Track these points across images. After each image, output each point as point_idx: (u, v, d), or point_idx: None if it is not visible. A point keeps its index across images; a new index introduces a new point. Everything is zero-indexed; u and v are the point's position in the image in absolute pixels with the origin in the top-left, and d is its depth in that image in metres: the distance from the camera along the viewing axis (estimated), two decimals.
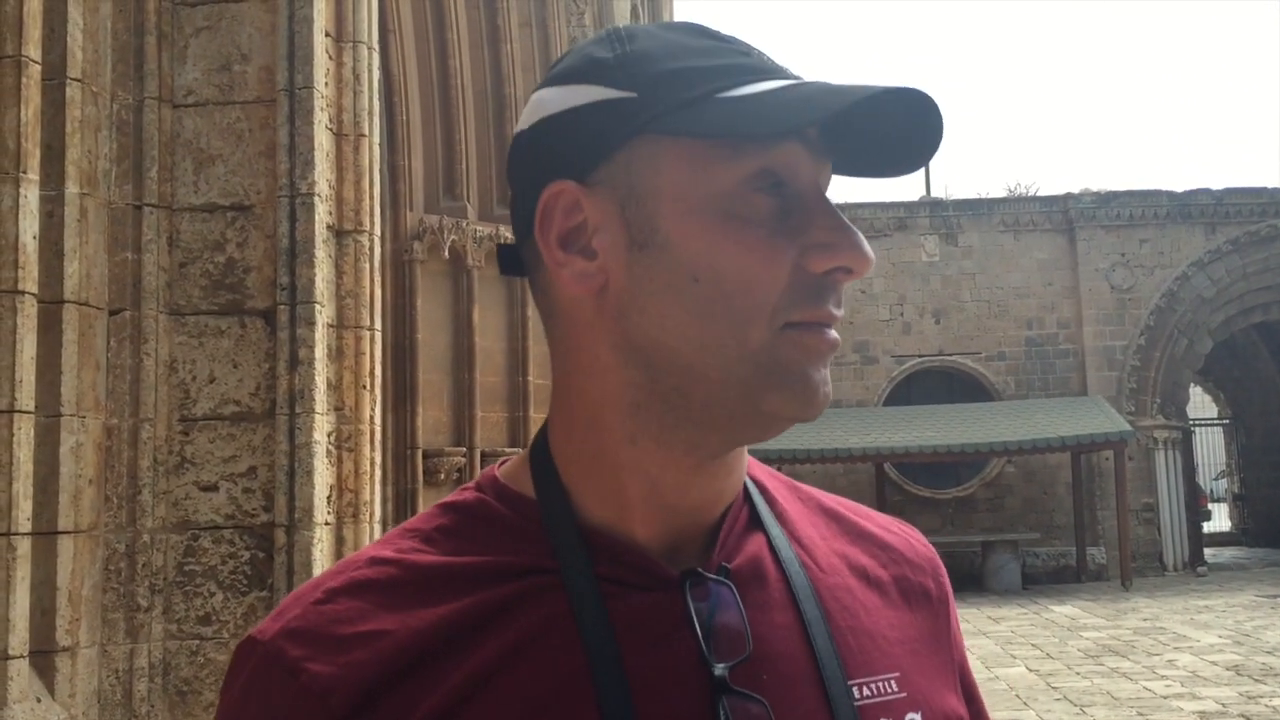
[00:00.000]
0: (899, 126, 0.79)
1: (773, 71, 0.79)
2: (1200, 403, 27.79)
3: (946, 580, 0.93)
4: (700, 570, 0.78)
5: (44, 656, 3.63)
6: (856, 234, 0.78)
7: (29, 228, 3.56)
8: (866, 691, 0.79)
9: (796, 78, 0.79)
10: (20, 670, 3.45)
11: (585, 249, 0.79)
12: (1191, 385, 22.70)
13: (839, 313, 0.78)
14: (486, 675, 0.74)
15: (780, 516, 0.86)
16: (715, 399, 0.77)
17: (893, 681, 0.81)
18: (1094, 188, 21.49)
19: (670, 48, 0.79)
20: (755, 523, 0.84)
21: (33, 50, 3.61)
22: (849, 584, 0.84)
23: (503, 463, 0.88)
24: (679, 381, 0.77)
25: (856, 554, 0.87)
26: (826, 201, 0.79)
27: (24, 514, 3.50)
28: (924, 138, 0.79)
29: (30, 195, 3.58)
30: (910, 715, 0.80)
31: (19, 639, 3.45)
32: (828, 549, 0.86)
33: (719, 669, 0.74)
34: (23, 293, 3.53)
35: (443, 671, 0.74)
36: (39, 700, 3.56)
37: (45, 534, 3.65)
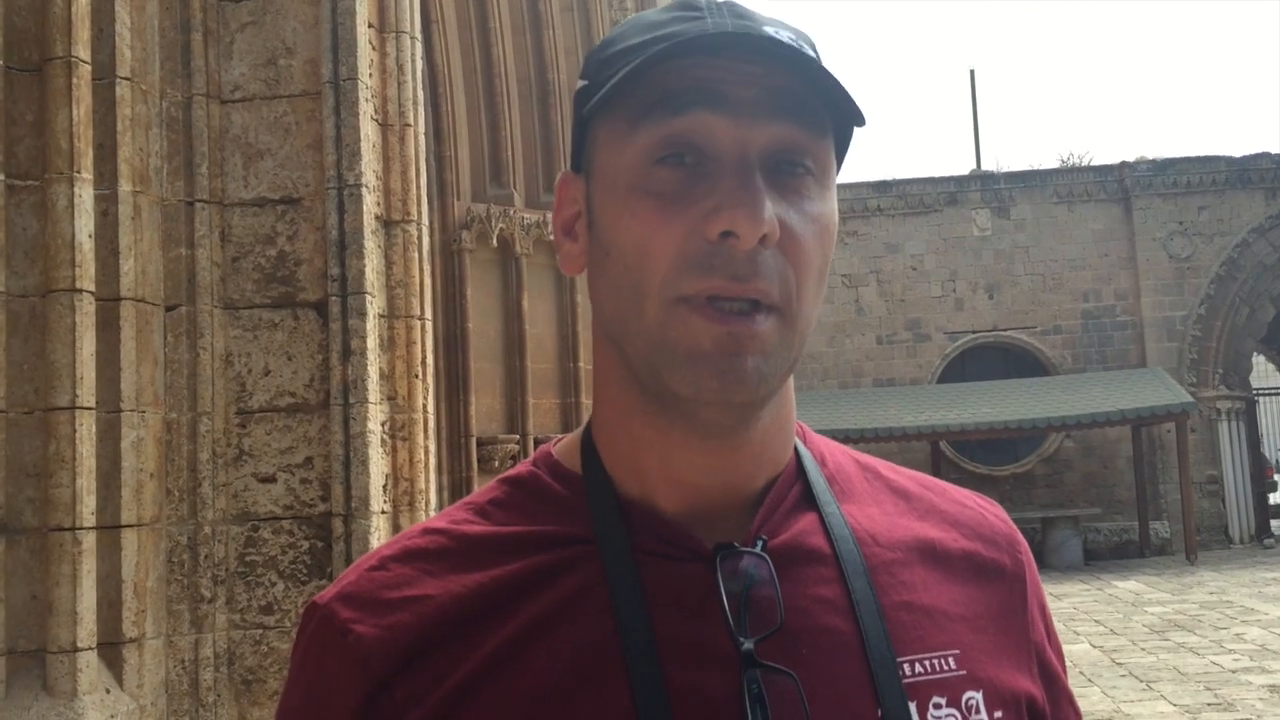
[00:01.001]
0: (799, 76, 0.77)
1: (695, 39, 0.75)
2: (1264, 372, 27.22)
3: (1027, 556, 0.90)
4: (735, 544, 0.78)
5: (112, 648, 3.70)
6: (751, 196, 0.74)
7: (84, 226, 3.61)
8: (919, 668, 0.78)
9: (731, 30, 0.76)
10: (89, 662, 3.52)
11: (572, 233, 0.84)
12: (1254, 354, 22.23)
13: (742, 285, 0.74)
14: (523, 639, 0.76)
15: (842, 494, 0.85)
16: (645, 378, 0.78)
17: (950, 659, 0.79)
18: (1150, 155, 21.12)
19: (631, 28, 0.81)
20: (808, 500, 0.83)
21: (82, 51, 3.65)
22: (909, 560, 0.83)
23: (558, 440, 0.90)
24: (627, 359, 0.79)
25: (925, 530, 0.86)
26: (740, 166, 0.75)
27: (88, 508, 3.56)
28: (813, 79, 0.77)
29: (85, 194, 3.63)
30: (969, 693, 0.78)
31: (87, 631, 3.51)
32: (891, 525, 0.85)
33: (746, 643, 0.74)
34: (81, 291, 3.58)
35: (481, 635, 0.77)
36: (108, 691, 3.62)
37: (109, 528, 3.71)
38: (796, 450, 0.86)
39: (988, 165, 23.06)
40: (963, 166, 24.67)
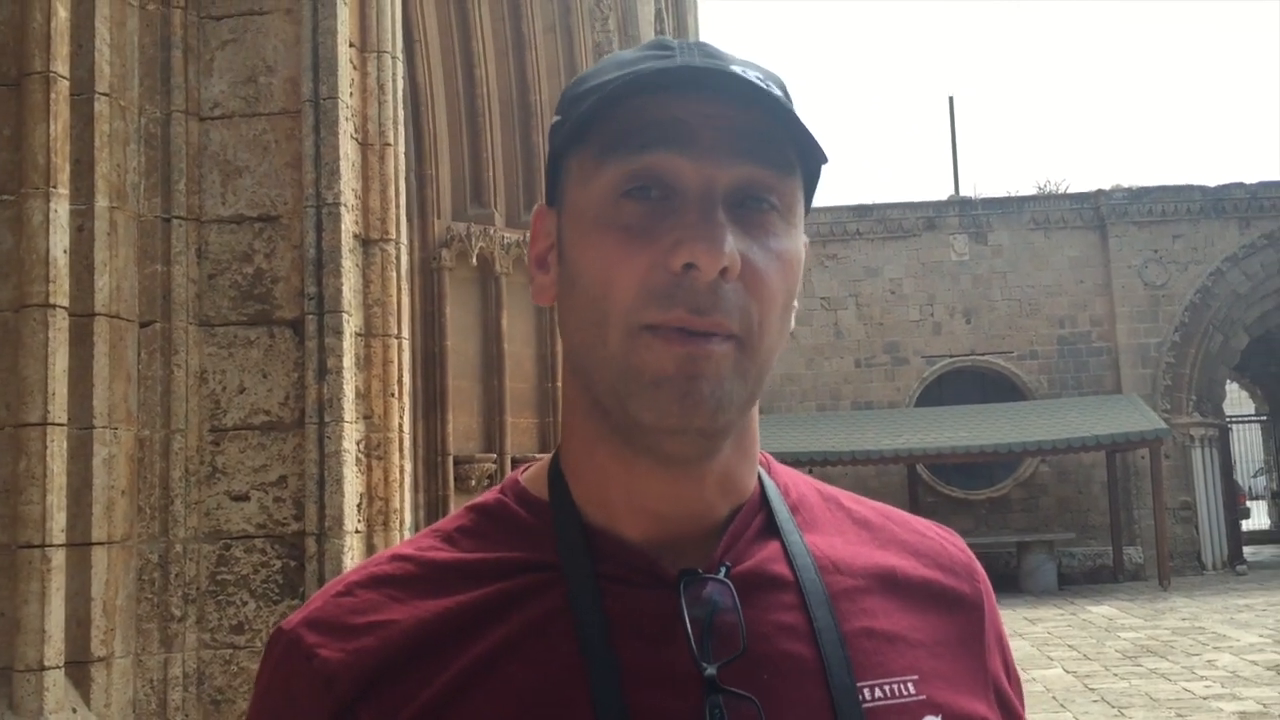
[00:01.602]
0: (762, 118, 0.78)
1: (660, 73, 0.77)
2: (1237, 399, 27.45)
3: (985, 586, 0.92)
4: (699, 571, 0.80)
5: (79, 667, 3.66)
6: (712, 230, 0.76)
7: (59, 242, 3.60)
8: (879, 693, 0.79)
9: (699, 66, 0.78)
10: (56, 680, 3.48)
11: (545, 264, 0.86)
12: (1228, 381, 22.42)
13: (701, 319, 0.75)
14: (487, 664, 0.77)
15: (805, 523, 0.87)
16: (609, 407, 0.79)
17: (909, 684, 0.80)
18: (1125, 184, 21.31)
19: (605, 65, 0.83)
20: (771, 529, 0.85)
21: (60, 66, 3.64)
22: (869, 588, 0.84)
23: (526, 468, 0.91)
24: (592, 388, 0.81)
25: (885, 558, 0.87)
26: (703, 201, 0.77)
27: (58, 525, 3.53)
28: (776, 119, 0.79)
29: (60, 210, 3.62)
30: (929, 718, 0.80)
31: (55, 649, 3.48)
32: (852, 554, 0.86)
33: (709, 669, 0.75)
34: (54, 306, 3.57)
35: (446, 660, 0.78)
36: (74, 711, 3.59)
37: (79, 545, 3.68)
38: (761, 480, 0.87)
39: (966, 191, 23.24)
40: (941, 192, 24.85)
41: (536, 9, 10.67)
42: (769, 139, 0.78)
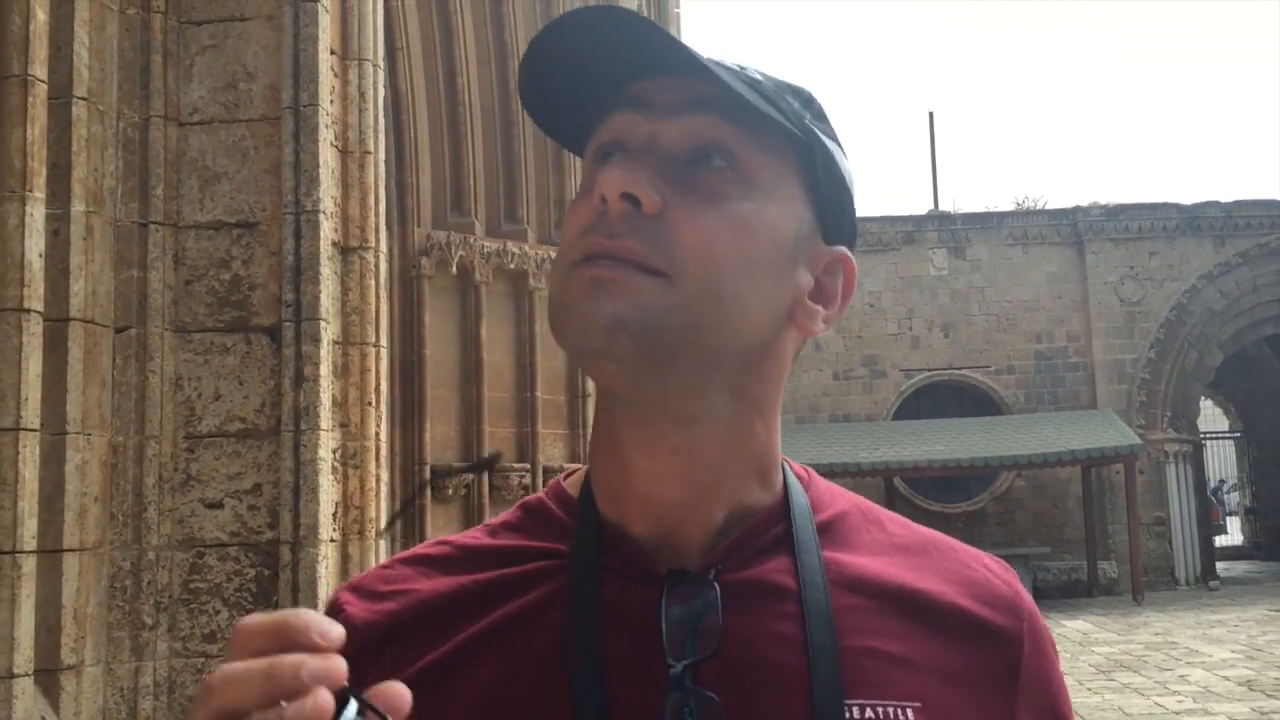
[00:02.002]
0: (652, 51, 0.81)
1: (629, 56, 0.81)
2: (1211, 416, 27.66)
3: (1031, 625, 0.86)
4: (688, 571, 0.81)
5: (49, 675, 3.63)
6: (625, 163, 0.80)
7: (35, 246, 3.57)
8: (870, 713, 0.78)
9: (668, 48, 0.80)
10: (25, 689, 3.45)
11: None
12: (1202, 398, 22.59)
13: (611, 242, 0.78)
14: (486, 640, 0.81)
15: (833, 540, 0.86)
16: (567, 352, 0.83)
17: (909, 710, 0.78)
18: (1102, 201, 21.49)
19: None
20: (787, 543, 0.84)
21: (39, 69, 3.62)
22: (885, 609, 0.82)
23: (570, 472, 0.94)
24: None
25: (915, 582, 0.85)
26: (642, 150, 0.81)
27: (29, 532, 3.50)
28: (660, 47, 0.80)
29: (36, 213, 3.59)
30: None
31: (24, 657, 3.44)
32: (877, 575, 0.84)
33: (675, 666, 0.76)
34: (28, 311, 3.54)
35: (450, 630, 0.82)
36: (44, 719, 3.55)
37: (50, 552, 3.65)
38: (787, 493, 0.87)
39: (945, 206, 23.36)
40: (920, 206, 24.96)
41: (519, 18, 10.68)
42: (733, 102, 0.80)
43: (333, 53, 4.41)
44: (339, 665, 0.59)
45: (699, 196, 0.80)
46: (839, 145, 0.88)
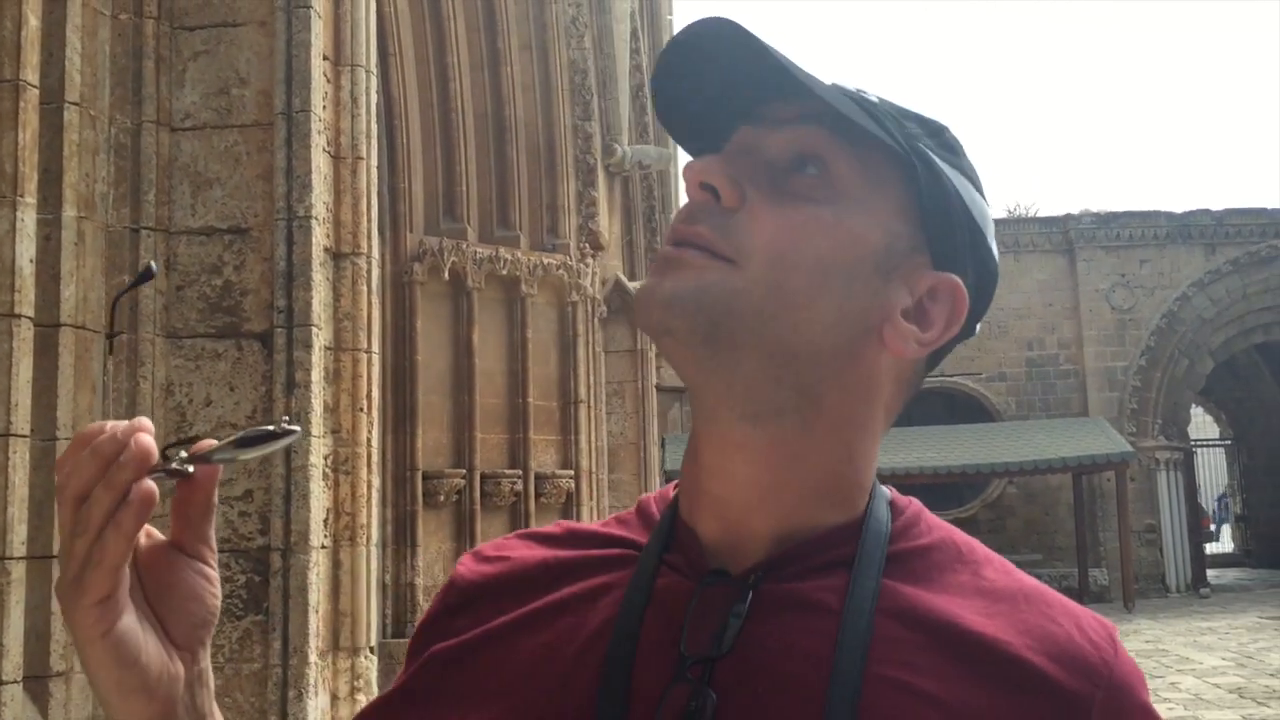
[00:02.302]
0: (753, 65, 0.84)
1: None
2: (1201, 423, 27.75)
3: (1108, 693, 0.79)
4: (729, 573, 0.82)
5: (38, 682, 3.61)
6: (708, 156, 0.84)
7: (26, 251, 3.56)
8: None
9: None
10: (14, 695, 3.43)
11: None
12: (1193, 406, 22.67)
13: (687, 227, 0.83)
14: (549, 612, 0.86)
15: (908, 573, 0.83)
16: None
17: None
18: (1094, 208, 21.55)
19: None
20: (848, 565, 0.82)
21: (30, 74, 3.62)
22: (931, 645, 0.79)
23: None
24: None
25: (982, 626, 0.80)
26: (739, 150, 0.86)
27: (19, 538, 3.48)
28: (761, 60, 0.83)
29: (27, 219, 3.58)
30: None
31: (13, 664, 3.43)
32: (940, 611, 0.81)
33: (686, 659, 0.79)
34: (19, 316, 3.53)
35: (522, 599, 0.88)
36: None
37: (40, 558, 3.63)
38: (866, 520, 0.85)
39: None
40: None
41: (512, 25, 10.69)
42: (835, 117, 0.82)
43: (326, 58, 4.40)
44: (142, 422, 0.73)
45: (783, 197, 0.82)
46: (969, 179, 0.89)
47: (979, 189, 0.90)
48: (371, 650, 4.46)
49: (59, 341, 3.75)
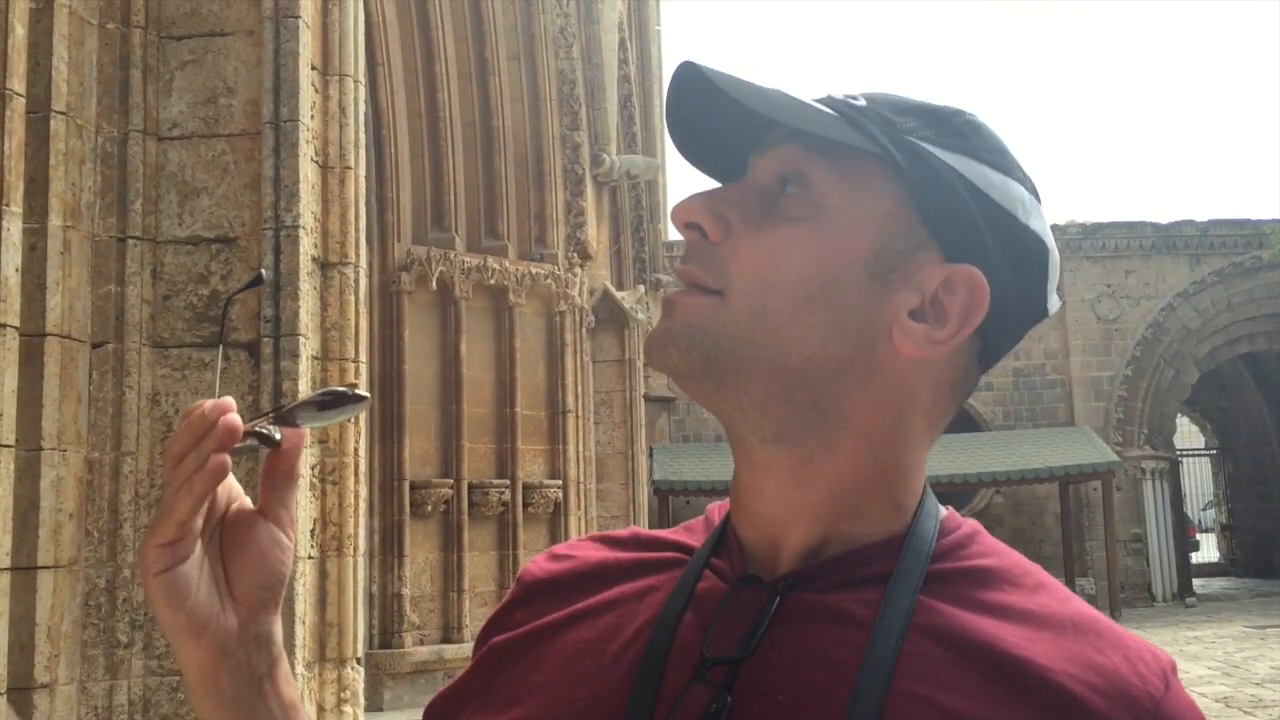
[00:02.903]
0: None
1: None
2: (1187, 433, 27.86)
3: None
4: (761, 578, 0.83)
5: (22, 693, 3.59)
6: (693, 194, 0.85)
7: (11, 260, 3.55)
8: None
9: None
10: None
11: None
12: (1178, 416, 22.76)
13: (683, 266, 0.85)
14: (599, 608, 0.89)
15: (946, 593, 0.81)
16: None
17: None
18: (1079, 219, 21.63)
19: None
20: (885, 579, 0.81)
21: (17, 84, 3.60)
22: (963, 664, 0.76)
23: None
24: None
25: (1022, 650, 0.77)
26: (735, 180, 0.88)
27: (3, 549, 3.46)
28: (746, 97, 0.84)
29: (13, 228, 3.57)
30: None
31: None
32: (977, 632, 0.78)
33: (707, 659, 0.79)
34: (4, 326, 3.51)
35: (578, 596, 0.91)
36: None
37: (24, 569, 3.61)
38: (908, 541, 0.83)
39: None
40: None
41: (501, 36, 10.70)
42: (807, 129, 0.83)
43: (314, 68, 4.40)
44: (227, 402, 0.81)
45: (766, 221, 0.83)
46: (983, 160, 0.84)
47: (1002, 167, 0.85)
48: (358, 661, 4.45)
49: (44, 351, 3.73)
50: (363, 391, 0.88)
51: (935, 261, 0.83)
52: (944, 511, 0.89)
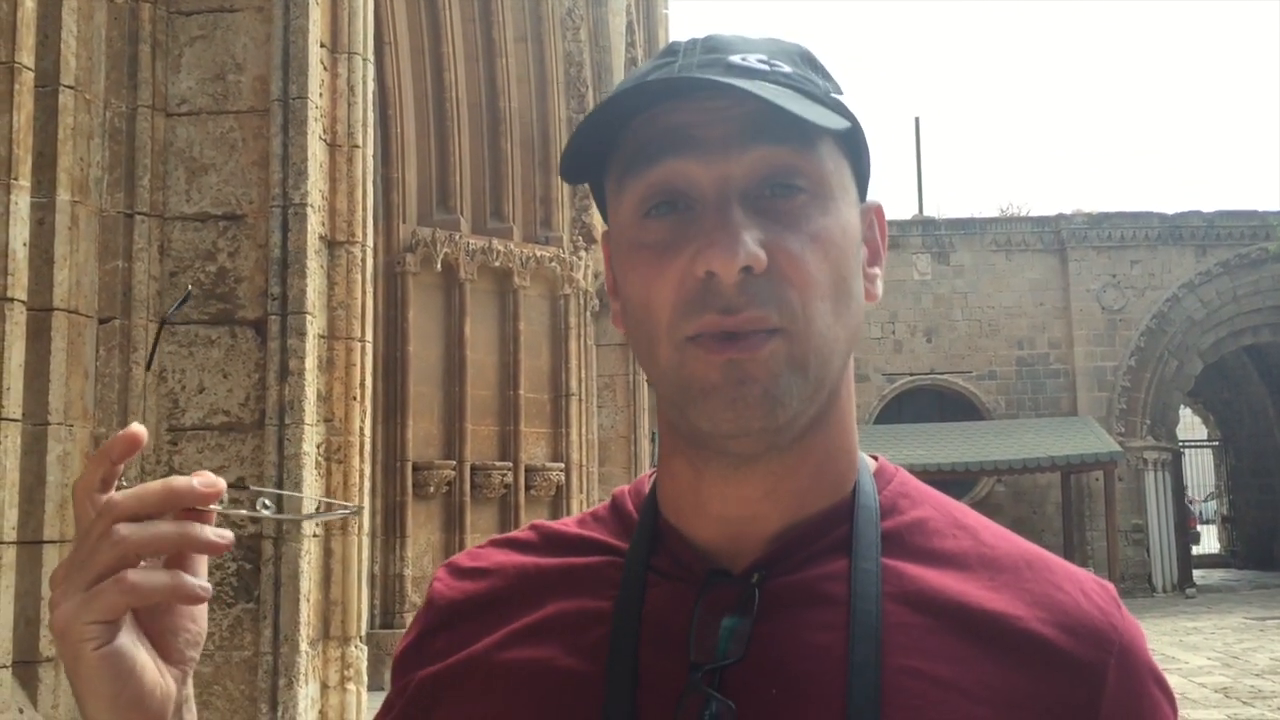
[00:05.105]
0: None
1: (638, 88, 0.78)
2: (1190, 424, 27.84)
3: (1120, 659, 0.79)
4: (728, 573, 0.79)
5: (27, 667, 3.60)
6: (726, 233, 0.74)
7: (19, 235, 3.54)
8: None
9: (694, 74, 0.78)
10: (3, 680, 3.42)
11: (614, 291, 0.87)
12: (1181, 407, 22.74)
13: (734, 317, 0.74)
14: (538, 628, 0.83)
15: (903, 548, 0.81)
16: (675, 419, 0.81)
17: None
18: (1086, 209, 21.58)
19: (622, 81, 0.83)
20: (846, 546, 0.80)
21: (26, 57, 3.59)
22: (942, 628, 0.77)
23: (654, 472, 0.94)
24: (660, 402, 0.83)
25: (989, 602, 0.79)
26: (718, 204, 0.76)
27: (9, 523, 3.47)
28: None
29: (21, 202, 3.56)
30: None
31: (2, 649, 3.41)
32: (945, 589, 0.79)
33: (697, 669, 0.76)
34: (12, 300, 3.51)
35: (508, 616, 0.85)
36: (21, 711, 3.52)
37: (30, 543, 3.62)
38: (855, 496, 0.83)
39: (930, 211, 23.46)
40: (905, 211, 25.10)
41: (508, 17, 10.66)
42: (779, 118, 0.76)
43: (323, 45, 4.39)
44: (217, 480, 0.74)
45: (789, 231, 0.76)
46: (839, 91, 0.84)
47: (838, 86, 0.84)
48: (362, 640, 4.46)
49: (51, 326, 3.73)
50: (355, 505, 0.86)
51: (858, 204, 0.84)
52: (874, 464, 0.88)
